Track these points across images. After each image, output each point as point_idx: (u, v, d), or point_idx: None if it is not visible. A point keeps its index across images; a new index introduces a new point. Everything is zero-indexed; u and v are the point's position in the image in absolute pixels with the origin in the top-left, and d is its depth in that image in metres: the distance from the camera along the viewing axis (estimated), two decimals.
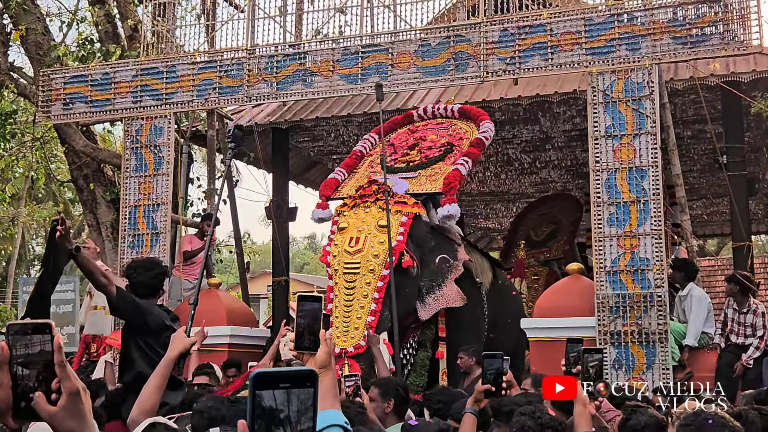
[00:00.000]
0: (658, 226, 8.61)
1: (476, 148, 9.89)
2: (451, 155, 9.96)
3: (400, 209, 8.98)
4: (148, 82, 10.62)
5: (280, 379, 1.40)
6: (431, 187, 9.54)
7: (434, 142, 10.25)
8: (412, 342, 9.05)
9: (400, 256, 8.60)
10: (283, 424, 1.40)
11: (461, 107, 10.50)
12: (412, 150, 10.24)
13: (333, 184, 10.00)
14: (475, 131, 10.27)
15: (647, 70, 8.83)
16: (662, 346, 8.40)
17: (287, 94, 10.38)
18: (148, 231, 10.31)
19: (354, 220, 8.87)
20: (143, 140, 10.51)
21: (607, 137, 8.87)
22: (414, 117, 10.91)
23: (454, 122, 10.60)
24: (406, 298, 8.67)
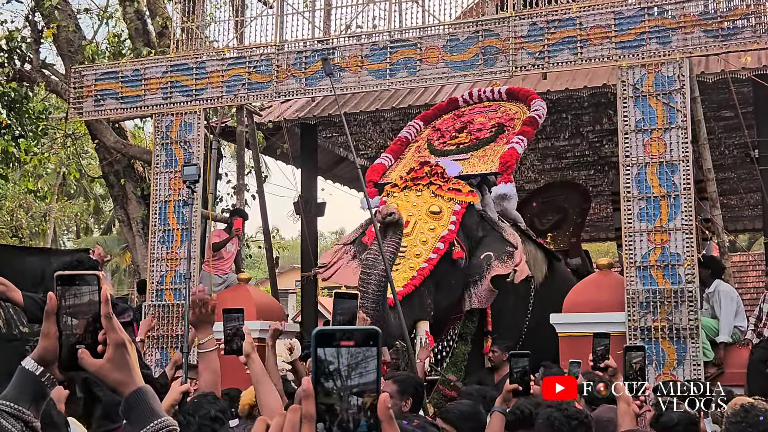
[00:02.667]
0: (689, 221, 8.54)
1: (530, 126, 9.86)
2: (503, 136, 9.91)
3: (454, 197, 8.86)
4: (178, 78, 10.67)
5: (342, 337, 1.39)
6: (486, 167, 9.51)
7: (483, 124, 10.23)
8: (452, 334, 8.92)
9: (450, 246, 8.52)
10: (345, 381, 1.38)
11: (509, 88, 10.56)
12: (461, 133, 10.22)
13: (380, 169, 9.99)
14: (525, 111, 10.24)
15: (678, 63, 8.74)
16: (693, 342, 8.32)
17: (315, 90, 10.38)
18: (178, 226, 10.37)
19: (404, 203, 8.75)
20: (173, 136, 10.56)
21: (637, 131, 8.80)
22: (459, 102, 10.94)
23: (501, 104, 10.60)
24: (452, 290, 8.58)
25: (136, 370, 1.87)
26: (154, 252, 10.39)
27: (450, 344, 8.89)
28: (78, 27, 13.45)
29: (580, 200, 14.11)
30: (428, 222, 8.52)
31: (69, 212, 25.75)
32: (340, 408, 1.38)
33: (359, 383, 1.39)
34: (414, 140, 10.64)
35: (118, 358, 1.84)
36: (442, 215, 8.65)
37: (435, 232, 8.48)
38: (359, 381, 1.39)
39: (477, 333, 9.08)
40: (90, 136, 14.12)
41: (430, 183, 8.92)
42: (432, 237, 8.43)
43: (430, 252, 8.31)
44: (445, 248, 8.39)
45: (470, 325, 9.00)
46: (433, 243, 8.38)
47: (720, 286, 9.38)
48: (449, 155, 9.84)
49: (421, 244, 8.33)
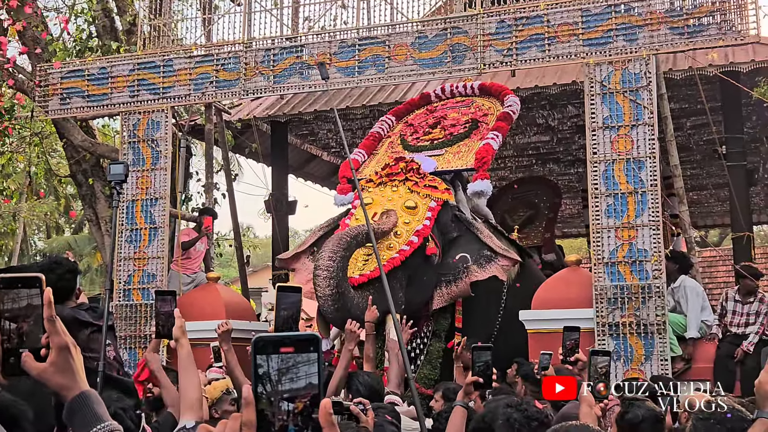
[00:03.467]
0: (656, 218, 8.58)
1: (504, 122, 9.87)
2: (477, 131, 9.92)
3: (430, 193, 8.88)
4: (145, 76, 10.59)
5: (282, 343, 1.38)
6: (461, 163, 9.51)
7: (457, 120, 10.23)
8: (426, 331, 8.91)
9: (424, 242, 8.52)
10: (286, 388, 1.37)
11: (482, 84, 10.55)
12: (434, 128, 10.21)
13: (353, 165, 9.93)
14: (498, 106, 10.24)
15: (645, 60, 8.78)
16: (661, 338, 8.37)
17: (284, 87, 10.36)
18: (146, 225, 10.30)
19: (379, 197, 8.77)
20: (141, 135, 10.48)
21: (604, 128, 8.83)
22: (432, 98, 10.95)
23: (474, 99, 10.60)
24: (424, 286, 8.58)
25: (81, 374, 1.82)
26: (121, 251, 10.31)
27: (425, 341, 8.88)
28: (45, 25, 13.30)
29: (550, 195, 14.08)
30: (403, 216, 8.54)
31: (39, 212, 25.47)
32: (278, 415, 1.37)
33: (300, 389, 1.39)
34: (387, 136, 10.62)
35: (61, 362, 1.79)
36: (417, 210, 8.66)
37: (409, 226, 8.50)
38: (300, 387, 1.39)
39: (450, 330, 9.10)
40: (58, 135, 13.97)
41: (406, 179, 8.93)
42: (406, 231, 8.45)
43: (404, 244, 8.33)
44: (419, 242, 8.40)
45: (444, 323, 8.99)
46: (407, 236, 8.40)
47: (685, 281, 9.45)
48: (423, 151, 9.83)
49: (394, 237, 8.36)
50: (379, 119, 11.02)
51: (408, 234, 8.42)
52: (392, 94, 12.88)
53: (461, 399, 4.74)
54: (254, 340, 1.39)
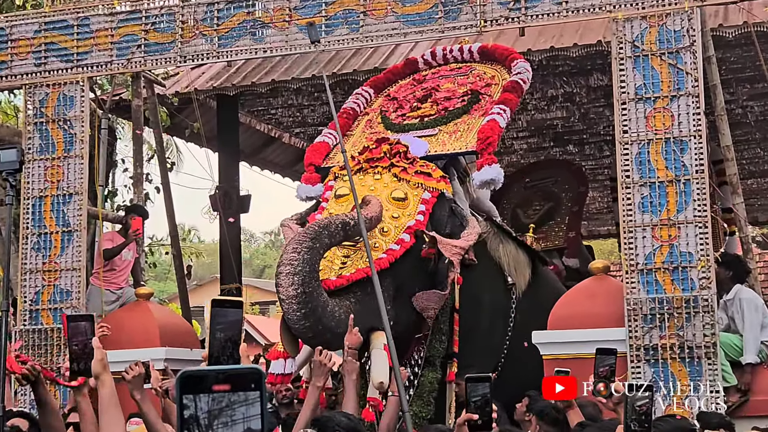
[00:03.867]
0: (704, 212, 8.61)
1: (512, 93, 9.79)
2: (478, 106, 9.86)
3: (422, 182, 8.82)
4: (55, 39, 10.54)
5: (215, 379, 1.37)
6: (459, 145, 9.48)
7: (452, 91, 10.16)
8: (417, 358, 8.87)
9: (419, 241, 8.45)
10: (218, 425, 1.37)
11: (482, 46, 10.48)
12: (424, 102, 10.13)
13: (324, 149, 9.88)
14: (505, 74, 10.20)
15: (687, 14, 8.81)
16: (710, 363, 8.40)
17: (233, 52, 10.32)
18: (57, 228, 10.25)
19: (359, 187, 8.57)
20: (50, 113, 10.44)
21: (637, 100, 8.86)
22: (419, 64, 10.84)
23: (474, 67, 10.54)
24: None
25: None
26: (24, 262, 10.26)
27: (415, 371, 8.85)
28: None
29: (574, 184, 14.03)
30: (390, 209, 8.47)
31: None
32: None
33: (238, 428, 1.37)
34: (363, 112, 10.56)
35: None
36: (408, 202, 8.62)
37: (399, 222, 8.43)
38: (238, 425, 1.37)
39: (447, 356, 9.08)
40: None
41: (392, 165, 8.85)
42: (395, 227, 8.37)
43: (392, 243, 8.26)
44: (411, 241, 8.31)
45: (439, 347, 8.92)
46: (396, 234, 8.34)
47: (741, 292, 9.48)
48: (411, 131, 9.77)
49: (380, 235, 8.27)
50: (354, 92, 10.96)
51: (397, 231, 8.37)
52: (370, 59, 12.88)
53: None
54: (179, 376, 1.38)
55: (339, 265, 8.12)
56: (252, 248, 54.01)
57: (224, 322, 3.74)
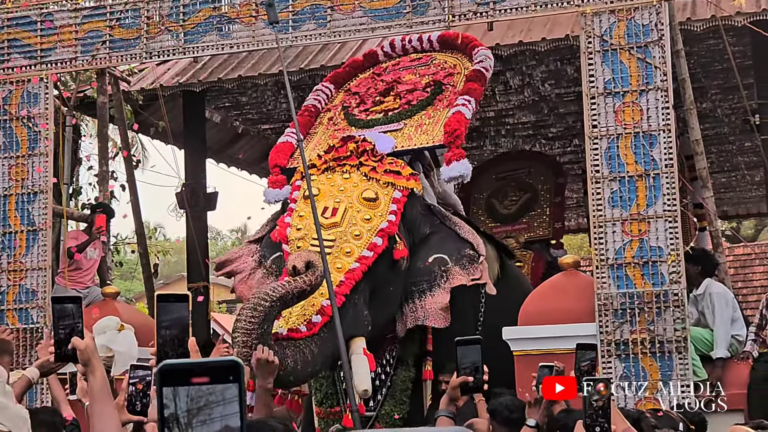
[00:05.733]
0: (674, 207, 8.66)
1: (476, 82, 9.70)
2: (442, 96, 9.78)
3: (393, 181, 8.73)
4: (18, 35, 10.48)
5: (193, 372, 1.38)
6: (426, 139, 9.39)
7: (414, 83, 10.05)
8: (390, 357, 8.84)
9: (391, 243, 8.40)
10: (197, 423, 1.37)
11: (442, 35, 10.35)
12: (386, 96, 10.03)
13: (287, 149, 9.77)
14: (467, 63, 10.15)
15: (655, 8, 8.85)
16: (680, 358, 8.45)
17: (199, 48, 10.30)
18: (22, 228, 10.20)
19: (328, 187, 8.49)
20: (13, 111, 10.37)
21: (606, 95, 8.89)
22: (379, 56, 10.77)
23: (434, 56, 10.44)
24: (391, 300, 8.45)
25: None
26: None
27: (387, 370, 8.83)
28: None
29: (550, 174, 14.02)
30: (362, 210, 8.35)
31: None
32: None
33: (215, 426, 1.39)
34: (325, 109, 10.48)
35: None
36: (378, 203, 8.51)
37: (371, 224, 8.31)
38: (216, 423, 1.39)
39: (420, 354, 9.07)
40: None
41: (360, 164, 8.78)
42: (367, 230, 8.24)
43: (365, 248, 8.22)
44: (384, 244, 8.23)
45: (412, 346, 8.92)
46: (369, 237, 8.26)
47: (711, 287, 9.55)
48: (375, 126, 9.68)
49: (353, 239, 8.12)
50: (314, 89, 10.90)
51: (370, 234, 8.27)
52: (337, 54, 12.86)
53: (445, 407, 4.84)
54: (159, 368, 1.39)
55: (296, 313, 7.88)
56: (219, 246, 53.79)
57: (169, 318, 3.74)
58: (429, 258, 8.57)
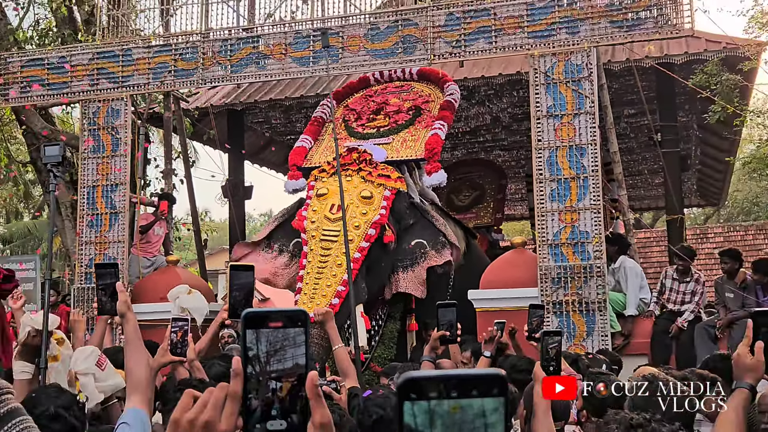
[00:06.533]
0: (597, 201, 8.67)
1: (448, 110, 9.69)
2: (421, 119, 9.73)
3: (384, 183, 8.76)
4: (105, 65, 10.41)
5: (270, 318, 1.35)
6: (410, 153, 9.35)
7: (399, 106, 9.99)
8: (381, 314, 8.87)
9: (382, 230, 8.43)
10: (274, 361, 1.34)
11: (420, 69, 10.25)
12: (378, 115, 9.98)
13: (302, 152, 9.74)
14: (439, 93, 10.10)
15: (586, 52, 8.85)
16: (601, 315, 8.47)
17: (241, 77, 10.25)
18: (106, 210, 10.15)
19: (335, 187, 8.56)
20: (100, 122, 10.31)
21: (548, 117, 8.88)
22: (370, 81, 10.65)
23: (413, 85, 10.35)
24: (382, 272, 8.52)
25: None
26: (82, 236, 10.16)
27: (380, 323, 8.86)
28: (3, 14, 13.01)
29: (495, 177, 14.16)
30: (360, 207, 8.44)
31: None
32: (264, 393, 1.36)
33: (287, 370, 1.37)
34: (329, 119, 10.42)
35: None
36: (373, 200, 8.57)
37: (367, 217, 8.41)
38: (287, 368, 1.37)
39: (404, 311, 9.11)
40: (18, 122, 13.70)
41: (360, 169, 8.81)
42: (364, 222, 8.36)
43: (362, 239, 8.25)
44: (376, 233, 8.34)
45: (398, 306, 9.01)
46: (365, 228, 8.31)
47: (625, 262, 9.58)
48: (370, 138, 9.66)
49: (354, 230, 8.20)
50: (320, 103, 10.85)
51: (366, 226, 8.35)
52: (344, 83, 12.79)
53: (428, 354, 4.83)
54: (244, 314, 1.35)
55: None
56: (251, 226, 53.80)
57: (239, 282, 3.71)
58: (411, 242, 8.62)
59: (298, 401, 1.36)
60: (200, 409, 1.43)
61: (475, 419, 0.94)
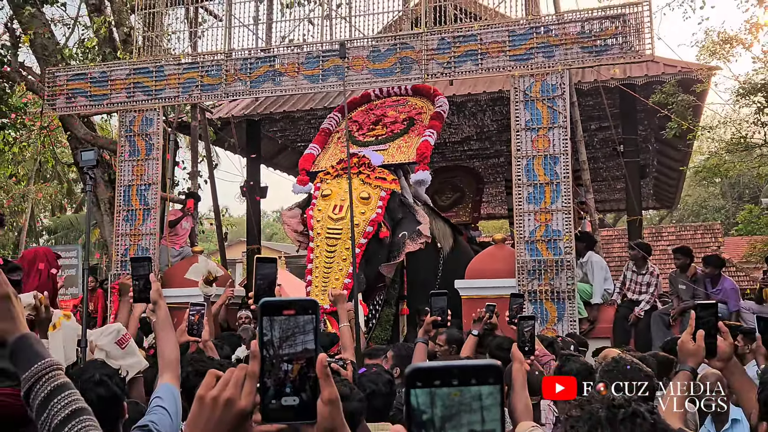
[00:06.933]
0: (568, 204, 8.65)
1: (437, 120, 9.73)
2: (414, 128, 9.76)
3: (380, 184, 8.75)
4: (140, 80, 10.36)
5: (284, 306, 1.34)
6: (404, 157, 9.35)
7: (396, 117, 10.02)
8: (379, 299, 8.85)
9: (379, 227, 8.43)
10: (286, 345, 1.34)
11: (414, 86, 10.26)
12: (377, 125, 10.00)
13: (310, 158, 9.75)
14: (430, 106, 10.10)
15: (560, 74, 8.82)
16: (570, 303, 8.46)
17: (259, 91, 10.20)
18: (140, 207, 10.12)
19: (337, 189, 8.57)
20: (136, 129, 10.27)
21: (526, 130, 8.86)
22: (371, 96, 10.65)
23: (408, 99, 10.37)
24: (378, 264, 8.52)
25: (21, 319, 1.78)
26: (119, 228, 10.12)
27: (377, 308, 8.85)
28: (52, 34, 12.96)
29: (474, 181, 14.29)
30: (359, 206, 8.42)
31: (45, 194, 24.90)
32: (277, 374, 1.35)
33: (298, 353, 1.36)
34: (335, 131, 10.44)
35: (2, 310, 1.75)
36: (370, 200, 8.57)
37: (365, 216, 8.40)
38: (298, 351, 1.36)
39: (397, 298, 9.09)
40: (63, 128, 13.65)
41: (360, 172, 8.81)
42: (363, 220, 8.34)
43: (361, 236, 8.23)
44: (373, 231, 8.36)
45: (393, 292, 9.01)
46: (364, 226, 8.30)
47: (592, 257, 9.56)
48: (370, 146, 9.68)
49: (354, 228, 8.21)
50: (328, 116, 10.84)
51: (365, 224, 8.35)
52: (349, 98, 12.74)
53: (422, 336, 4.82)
54: (261, 303, 1.34)
55: None
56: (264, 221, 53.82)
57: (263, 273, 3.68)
58: (399, 234, 8.62)
59: (308, 381, 1.35)
60: (222, 387, 1.42)
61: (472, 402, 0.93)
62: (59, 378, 1.73)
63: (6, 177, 19.50)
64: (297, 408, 1.34)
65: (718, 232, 24.21)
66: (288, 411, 1.34)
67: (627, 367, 3.47)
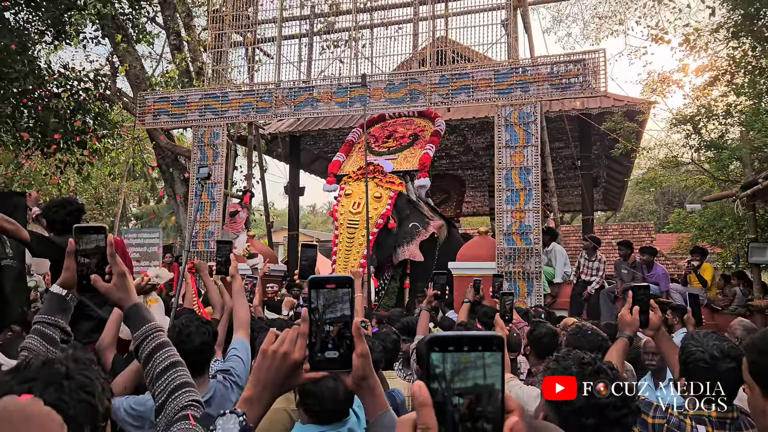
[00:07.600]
0: (537, 205, 8.61)
1: (436, 137, 9.79)
2: (418, 142, 9.80)
3: (390, 186, 8.80)
4: (209, 103, 10.38)
5: (327, 281, 1.33)
6: (409, 166, 9.39)
7: (404, 133, 10.08)
8: (387, 275, 8.89)
9: (388, 219, 8.47)
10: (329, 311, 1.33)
11: (419, 111, 10.30)
12: (389, 139, 10.05)
13: (337, 164, 9.83)
14: (431, 125, 10.13)
15: (533, 105, 8.78)
16: (537, 282, 8.43)
17: (300, 114, 10.19)
18: (208, 200, 10.14)
19: (357, 189, 8.63)
20: (206, 141, 10.29)
21: (506, 147, 8.82)
22: (386, 116, 10.71)
23: (414, 119, 10.45)
24: (387, 248, 8.57)
25: (133, 291, 1.79)
26: (191, 217, 10.15)
27: (386, 282, 8.88)
28: (142, 66, 12.99)
29: (458, 185, 14.32)
30: (373, 204, 8.46)
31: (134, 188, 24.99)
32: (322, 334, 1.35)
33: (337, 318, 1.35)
34: (357, 142, 10.47)
35: (120, 283, 1.76)
36: (382, 199, 8.60)
37: (377, 211, 8.44)
38: (338, 316, 1.35)
39: (402, 274, 9.09)
40: (150, 139, 13.69)
41: (374, 177, 8.84)
42: (376, 215, 8.40)
43: (374, 227, 8.27)
44: (383, 223, 8.37)
45: (399, 270, 9.03)
46: (376, 219, 8.35)
47: (555, 247, 9.52)
48: (384, 155, 9.72)
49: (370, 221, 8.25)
50: (352, 130, 10.83)
51: (377, 218, 8.40)
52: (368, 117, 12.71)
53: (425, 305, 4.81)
54: (309, 279, 1.33)
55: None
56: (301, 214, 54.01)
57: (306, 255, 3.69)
58: (409, 225, 8.61)
59: (345, 339, 1.34)
60: (280, 343, 1.42)
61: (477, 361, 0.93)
62: (161, 337, 1.76)
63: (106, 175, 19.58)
64: (337, 360, 1.34)
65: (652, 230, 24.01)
66: (330, 362, 1.34)
67: (588, 332, 3.46)
